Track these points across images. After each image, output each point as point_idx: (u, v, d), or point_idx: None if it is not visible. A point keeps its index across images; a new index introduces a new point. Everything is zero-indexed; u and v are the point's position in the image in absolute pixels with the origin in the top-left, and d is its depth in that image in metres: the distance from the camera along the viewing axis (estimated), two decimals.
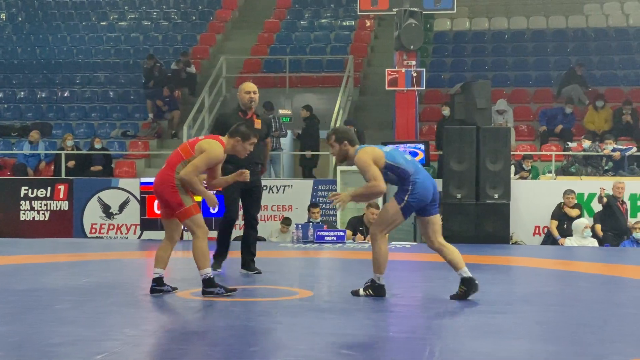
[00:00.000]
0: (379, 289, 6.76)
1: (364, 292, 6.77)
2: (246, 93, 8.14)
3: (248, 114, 8.16)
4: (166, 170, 6.68)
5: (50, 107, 18.93)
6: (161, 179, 6.69)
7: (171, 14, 22.11)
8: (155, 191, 6.78)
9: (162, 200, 6.76)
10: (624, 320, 6.03)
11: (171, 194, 6.61)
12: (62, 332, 5.29)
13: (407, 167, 6.68)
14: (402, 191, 6.69)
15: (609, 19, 20.11)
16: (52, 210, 14.65)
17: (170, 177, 6.63)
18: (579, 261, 10.52)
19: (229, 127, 7.26)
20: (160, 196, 6.72)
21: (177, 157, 6.71)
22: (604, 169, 14.25)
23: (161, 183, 6.67)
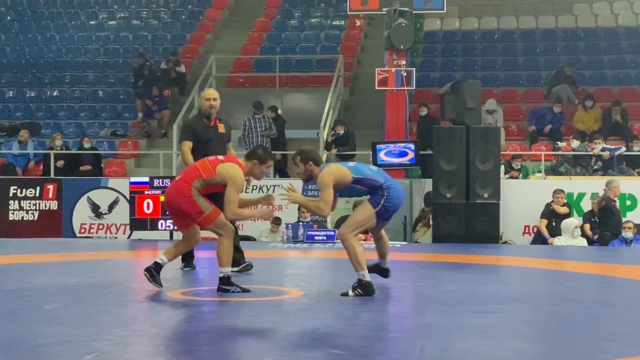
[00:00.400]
0: (367, 287, 6.76)
1: (353, 292, 6.76)
2: (206, 100, 8.31)
3: (211, 120, 8.33)
4: (181, 182, 6.72)
5: (40, 107, 18.87)
6: (176, 190, 6.72)
7: (161, 13, 22.07)
8: (169, 203, 6.80)
9: (179, 212, 6.75)
10: (613, 320, 6.04)
11: (189, 204, 6.67)
12: (51, 332, 5.26)
13: (375, 177, 6.87)
14: (377, 196, 6.85)
15: (598, 19, 20.17)
16: (41, 210, 14.60)
17: (186, 188, 6.68)
18: (568, 260, 10.54)
19: (196, 133, 8.07)
20: (178, 207, 6.73)
21: (195, 172, 6.77)
22: (593, 168, 14.29)
23: (177, 195, 6.71)
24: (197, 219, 6.72)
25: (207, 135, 8.22)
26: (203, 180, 6.72)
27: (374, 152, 13.67)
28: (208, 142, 8.20)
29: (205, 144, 8.18)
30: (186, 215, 6.74)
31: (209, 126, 8.26)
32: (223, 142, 8.34)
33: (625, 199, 13.29)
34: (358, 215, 6.89)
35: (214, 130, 8.27)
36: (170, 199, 6.77)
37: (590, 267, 9.71)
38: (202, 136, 8.21)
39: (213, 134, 8.26)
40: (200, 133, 8.21)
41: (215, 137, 8.26)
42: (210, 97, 8.30)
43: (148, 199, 12.43)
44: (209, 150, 7.99)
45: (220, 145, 8.28)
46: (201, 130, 8.20)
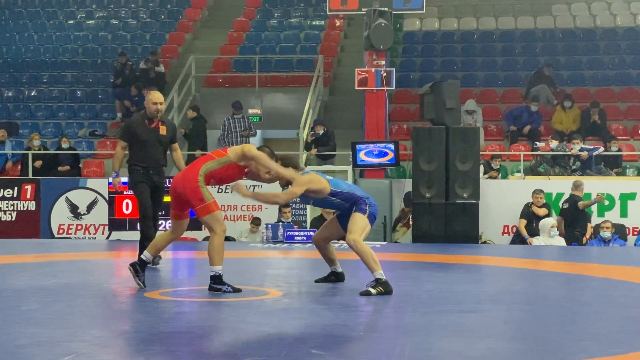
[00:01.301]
0: (386, 285, 6.93)
1: (375, 290, 6.88)
2: (153, 104, 8.53)
3: (154, 122, 8.59)
4: (190, 170, 6.85)
5: (17, 107, 18.74)
6: (184, 177, 6.83)
7: (140, 12, 21.98)
8: (175, 189, 6.85)
9: (182, 197, 6.81)
10: (590, 319, 6.09)
11: (193, 190, 6.73)
12: (28, 333, 5.23)
13: (352, 190, 7.20)
14: (362, 204, 7.14)
15: (577, 19, 20.29)
16: (19, 210, 14.50)
17: (194, 175, 6.77)
18: (546, 260, 10.60)
19: (134, 133, 8.48)
20: (182, 192, 6.78)
21: (206, 158, 6.94)
22: (571, 168, 14.37)
23: (184, 181, 6.80)
24: (197, 206, 6.75)
25: (145, 136, 8.54)
26: (214, 161, 6.81)
27: (353, 152, 13.69)
28: (146, 142, 8.54)
29: (144, 144, 8.54)
30: (187, 201, 6.79)
31: (149, 127, 8.56)
32: (162, 143, 8.66)
33: (603, 199, 13.36)
34: (358, 221, 7.10)
35: (154, 132, 8.57)
36: (176, 184, 6.84)
37: (568, 266, 9.77)
38: (140, 136, 8.54)
39: (152, 135, 8.56)
40: (139, 133, 8.54)
41: (154, 139, 8.57)
42: (157, 101, 8.54)
43: (127, 199, 12.39)
44: (147, 150, 8.52)
45: (159, 146, 8.64)
46: (140, 131, 8.54)
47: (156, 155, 8.61)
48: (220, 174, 6.87)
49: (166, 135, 8.67)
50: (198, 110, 16.33)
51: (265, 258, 10.37)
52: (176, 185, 6.85)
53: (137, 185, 8.63)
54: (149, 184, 8.63)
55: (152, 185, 8.69)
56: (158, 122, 8.60)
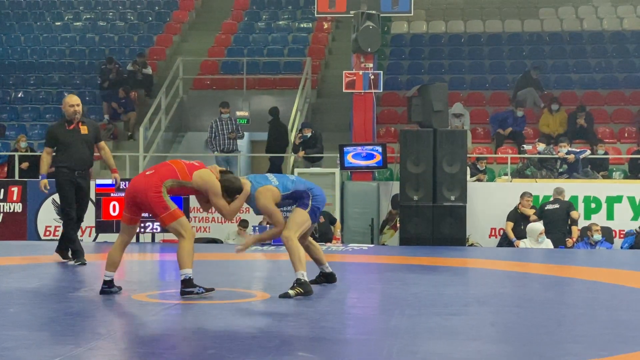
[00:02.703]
0: (306, 286, 6.85)
1: (294, 291, 6.78)
2: (70, 106, 8.97)
3: (73, 123, 9.00)
4: (153, 178, 6.71)
5: (4, 108, 18.66)
6: (146, 184, 6.69)
7: (127, 14, 21.93)
8: (134, 194, 6.72)
9: (141, 204, 6.71)
10: (577, 321, 6.11)
11: (156, 199, 6.64)
12: (15, 335, 5.21)
13: (297, 187, 7.16)
14: (305, 197, 7.13)
15: (564, 23, 20.37)
16: (5, 212, 14.44)
17: (156, 184, 6.66)
18: (533, 263, 10.62)
19: (58, 139, 8.95)
20: (143, 199, 6.67)
21: (171, 172, 6.77)
22: (558, 171, 14.42)
23: (146, 187, 6.66)
24: (161, 214, 6.67)
25: (67, 138, 8.96)
26: (177, 181, 6.74)
27: (341, 155, 13.69)
28: (69, 144, 8.95)
29: (68, 146, 8.95)
30: (148, 208, 6.71)
31: (70, 130, 8.97)
32: (86, 143, 9.01)
33: (590, 202, 13.43)
34: (296, 217, 7.08)
35: (75, 133, 8.96)
36: (137, 191, 6.71)
37: (555, 269, 9.80)
38: (63, 140, 8.96)
39: (74, 136, 8.96)
40: (60, 137, 8.98)
41: (77, 139, 8.97)
42: (74, 103, 8.97)
43: (114, 201, 12.35)
44: (72, 152, 8.93)
45: (84, 146, 9.00)
46: (61, 135, 8.97)
47: (81, 156, 8.97)
48: (179, 192, 6.92)
49: (88, 134, 9.01)
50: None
51: (252, 260, 10.36)
52: (136, 190, 6.72)
53: (62, 186, 8.98)
54: (74, 185, 8.98)
55: (77, 186, 9.01)
56: (78, 123, 8.98)
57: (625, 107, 17.54)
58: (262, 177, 7.23)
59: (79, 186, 9.05)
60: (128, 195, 6.80)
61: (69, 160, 8.95)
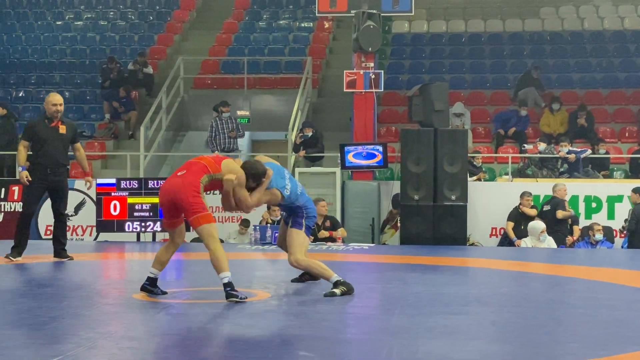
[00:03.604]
0: (347, 284, 6.95)
1: (339, 290, 6.88)
2: (53, 105, 9.15)
3: (54, 122, 9.19)
4: (189, 176, 6.60)
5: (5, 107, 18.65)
6: (183, 182, 6.56)
7: (128, 14, 21.93)
8: (172, 197, 6.56)
9: (180, 206, 6.55)
10: (577, 321, 6.11)
11: (194, 198, 6.51)
12: (15, 334, 5.22)
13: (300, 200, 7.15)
14: (299, 216, 7.14)
15: (565, 22, 20.36)
16: (5, 211, 14.44)
17: (195, 182, 6.56)
18: (534, 262, 10.62)
19: (34, 133, 9.13)
20: (180, 199, 6.52)
21: (203, 168, 6.66)
22: (559, 171, 14.42)
23: (184, 188, 6.53)
24: (195, 215, 6.51)
25: (45, 135, 9.13)
26: (209, 176, 6.65)
27: (342, 154, 13.69)
28: (46, 141, 9.12)
29: (44, 143, 9.12)
30: (186, 209, 6.54)
31: (49, 127, 9.16)
32: (63, 142, 9.22)
33: (591, 202, 13.43)
34: (295, 239, 7.11)
35: (54, 131, 9.16)
36: (175, 193, 6.55)
37: (555, 268, 9.79)
38: (40, 135, 9.14)
39: (52, 134, 9.15)
40: (39, 132, 9.15)
41: (55, 137, 9.16)
42: (57, 102, 9.16)
43: (115, 200, 12.36)
44: (48, 149, 9.09)
45: (60, 145, 9.19)
46: (40, 131, 9.16)
47: (56, 154, 9.12)
48: (211, 188, 6.83)
49: (66, 134, 9.19)
50: (8, 107, 16.24)
51: (253, 260, 10.36)
52: (175, 193, 6.55)
53: (32, 183, 9.16)
54: (46, 183, 9.17)
55: (51, 183, 9.20)
56: (58, 122, 9.15)
57: (626, 106, 17.54)
58: (280, 171, 7.13)
59: (53, 184, 9.21)
60: (165, 198, 6.62)
61: (43, 156, 9.13)
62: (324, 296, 6.83)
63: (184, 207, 6.55)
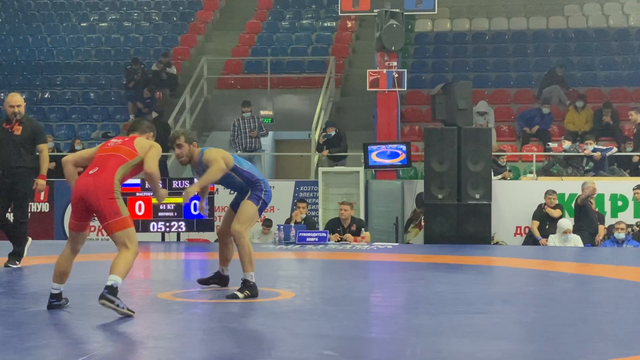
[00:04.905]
0: (254, 288, 6.72)
1: (243, 294, 6.63)
2: (10, 107, 8.86)
3: (12, 123, 8.89)
4: (103, 174, 5.99)
5: (31, 109, 18.78)
6: (95, 184, 5.95)
7: (152, 15, 22.04)
8: (85, 197, 5.95)
9: (91, 207, 5.97)
10: (602, 320, 6.07)
11: (109, 201, 5.93)
12: (40, 334, 5.26)
13: (252, 171, 6.97)
14: (257, 190, 6.89)
15: (589, 20, 20.23)
16: (32, 212, 14.54)
17: (110, 184, 5.96)
18: (559, 261, 10.56)
19: None
20: (95, 203, 5.93)
21: (117, 159, 6.07)
22: (584, 169, 14.33)
23: (96, 188, 5.93)
24: (111, 220, 5.94)
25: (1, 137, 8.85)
26: (126, 165, 6.07)
27: (365, 153, 13.69)
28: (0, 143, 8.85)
29: None
30: (98, 212, 5.96)
31: (3, 129, 8.89)
32: (17, 144, 8.82)
33: (617, 200, 13.33)
34: (247, 211, 6.84)
35: (7, 133, 8.84)
36: (87, 193, 5.94)
37: (580, 267, 9.74)
38: None
39: (5, 136, 8.85)
40: None
41: (7, 139, 8.84)
42: (14, 104, 8.85)
43: (139, 200, 12.43)
44: (1, 151, 8.80)
45: (12, 147, 8.81)
46: None
47: (8, 156, 8.79)
48: (131, 175, 6.23)
49: (20, 135, 8.82)
50: None
51: (277, 259, 10.38)
52: (87, 193, 5.94)
53: None
54: (2, 185, 8.85)
55: (7, 186, 8.85)
56: (15, 123, 8.84)
57: None
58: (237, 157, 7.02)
59: (7, 187, 8.86)
60: (78, 199, 5.99)
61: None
62: (226, 297, 6.64)
63: (97, 212, 5.99)
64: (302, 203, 12.99)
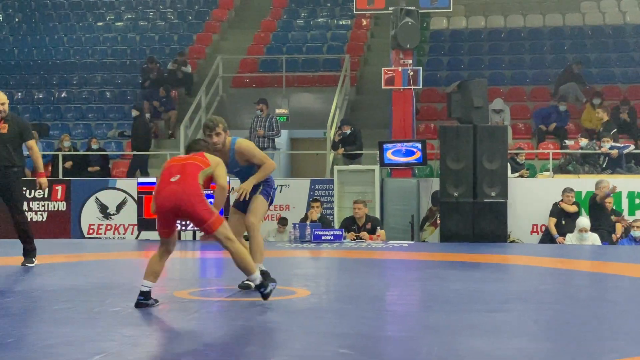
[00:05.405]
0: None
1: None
2: None
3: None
4: (190, 181, 6.14)
5: (48, 108, 18.92)
6: (184, 190, 6.09)
7: (167, 14, 22.11)
8: (176, 205, 6.08)
9: (187, 213, 6.16)
10: (620, 318, 6.04)
11: (202, 204, 6.12)
12: (59, 332, 5.29)
13: None
14: (268, 186, 7.01)
15: (606, 16, 20.13)
16: (49, 210, 14.65)
17: (196, 186, 6.13)
18: (575, 259, 10.52)
19: None
20: (190, 208, 6.09)
21: (196, 167, 6.23)
22: (601, 167, 14.26)
23: (185, 194, 6.08)
24: (210, 220, 6.12)
25: None
26: (204, 172, 6.24)
27: (380, 152, 13.68)
28: None
29: None
30: (195, 218, 6.16)
31: None
32: (4, 142, 8.66)
33: (634, 197, 13.27)
34: (262, 206, 6.97)
35: None
36: (178, 202, 6.07)
37: (598, 265, 9.70)
38: None
39: None
40: None
41: None
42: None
43: None
44: None
45: (3, 145, 8.66)
46: None
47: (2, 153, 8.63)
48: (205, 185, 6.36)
49: (7, 133, 8.69)
50: None
51: (292, 257, 10.39)
52: (180, 202, 6.07)
53: None
54: None
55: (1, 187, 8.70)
56: (0, 121, 8.72)
57: None
58: None
59: (5, 188, 8.72)
60: (168, 207, 6.11)
61: None
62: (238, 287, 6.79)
63: (193, 216, 6.15)
64: (316, 203, 13.00)
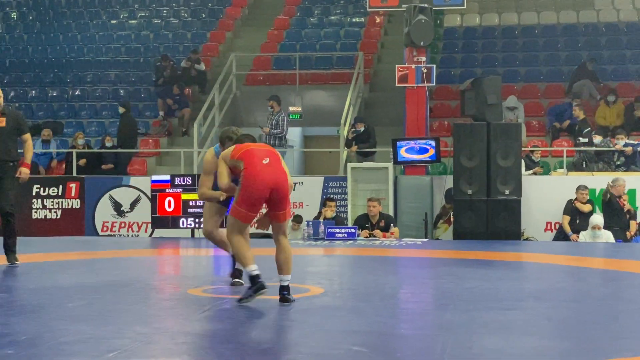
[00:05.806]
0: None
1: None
2: None
3: None
4: (279, 165, 6.33)
5: (62, 106, 18.98)
6: (282, 174, 6.28)
7: (181, 12, 22.14)
8: (276, 187, 6.20)
9: (281, 196, 6.24)
10: (634, 317, 6.02)
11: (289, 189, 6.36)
12: (73, 330, 5.31)
13: None
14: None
15: (620, 13, 20.03)
16: (63, 208, 14.70)
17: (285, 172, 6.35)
18: (590, 257, 10.48)
19: None
20: (286, 191, 6.27)
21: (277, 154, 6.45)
22: (615, 164, 14.20)
23: (285, 179, 6.29)
24: (288, 207, 6.33)
25: None
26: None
27: (394, 149, 13.67)
28: None
29: None
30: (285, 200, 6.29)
31: None
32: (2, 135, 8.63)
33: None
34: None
35: None
36: (281, 183, 6.23)
37: (612, 263, 9.66)
38: None
39: None
40: None
41: None
42: None
43: (169, 197, 12.49)
44: None
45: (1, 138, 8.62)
46: None
47: None
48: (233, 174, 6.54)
49: (5, 126, 8.68)
50: None
51: (306, 255, 10.39)
52: (280, 184, 6.23)
53: None
54: None
55: None
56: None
57: None
58: None
59: None
60: (276, 190, 6.20)
61: None
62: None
63: (285, 200, 6.28)
64: (331, 202, 12.99)
